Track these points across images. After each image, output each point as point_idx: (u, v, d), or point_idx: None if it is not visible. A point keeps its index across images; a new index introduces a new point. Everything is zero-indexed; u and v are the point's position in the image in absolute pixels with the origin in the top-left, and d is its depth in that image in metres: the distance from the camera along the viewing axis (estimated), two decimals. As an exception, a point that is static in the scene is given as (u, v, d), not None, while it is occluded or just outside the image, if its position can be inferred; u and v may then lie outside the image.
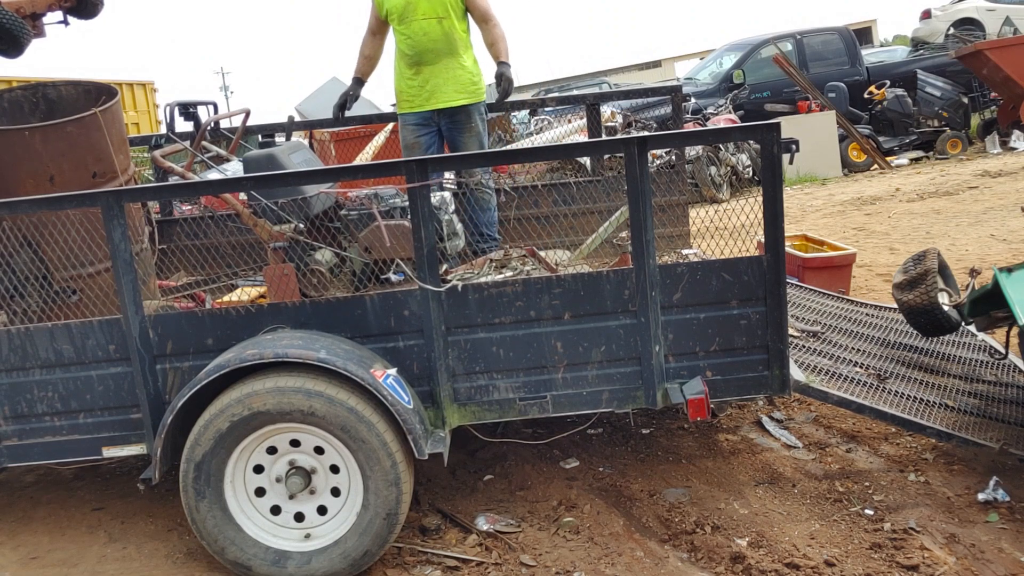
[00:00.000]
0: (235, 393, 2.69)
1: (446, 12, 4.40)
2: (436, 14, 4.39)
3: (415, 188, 2.74)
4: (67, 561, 3.08)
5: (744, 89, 12.77)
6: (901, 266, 3.88)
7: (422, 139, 4.51)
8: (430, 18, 4.38)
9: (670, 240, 4.52)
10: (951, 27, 14.25)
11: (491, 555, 2.89)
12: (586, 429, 3.67)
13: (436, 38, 4.40)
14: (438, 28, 4.40)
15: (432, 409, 2.88)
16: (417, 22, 4.39)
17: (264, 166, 3.47)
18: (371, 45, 4.65)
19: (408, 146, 4.52)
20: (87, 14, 4.72)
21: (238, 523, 2.77)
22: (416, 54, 4.42)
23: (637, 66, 29.94)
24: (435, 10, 4.38)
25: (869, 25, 25.27)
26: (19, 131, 3.26)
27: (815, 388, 3.08)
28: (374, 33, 4.62)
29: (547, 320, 2.82)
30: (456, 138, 4.54)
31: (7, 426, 2.97)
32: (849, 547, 2.78)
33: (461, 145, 4.52)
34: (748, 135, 3.70)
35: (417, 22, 4.39)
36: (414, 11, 4.39)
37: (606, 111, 10.00)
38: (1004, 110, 11.56)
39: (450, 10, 4.40)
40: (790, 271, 4.87)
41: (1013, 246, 6.40)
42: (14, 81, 10.72)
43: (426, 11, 4.38)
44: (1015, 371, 3.73)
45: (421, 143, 4.50)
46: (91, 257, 3.30)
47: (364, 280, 3.43)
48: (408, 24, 4.41)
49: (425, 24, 4.38)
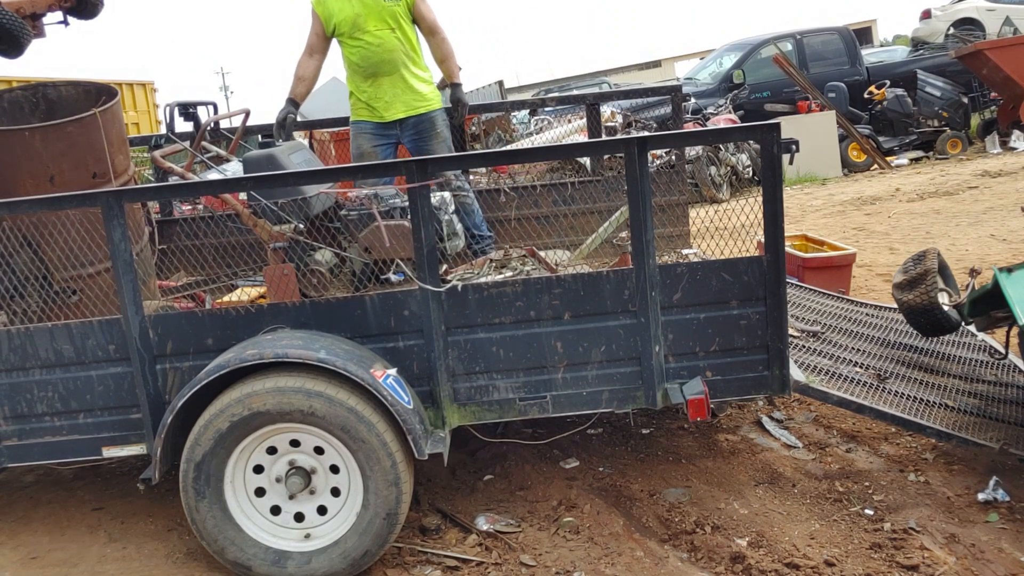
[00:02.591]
0: (235, 393, 2.69)
1: (396, 23, 4.35)
2: (388, 25, 4.33)
3: (415, 188, 2.74)
4: (67, 561, 3.08)
5: (744, 89, 12.77)
6: (901, 266, 3.88)
7: (378, 149, 4.46)
8: (382, 29, 4.33)
9: (670, 240, 4.52)
10: (951, 27, 14.26)
11: (491, 555, 2.89)
12: (586, 429, 3.67)
13: (390, 48, 4.35)
14: (391, 38, 4.35)
15: (432, 409, 2.88)
16: (370, 34, 4.33)
17: (264, 166, 3.47)
18: (308, 66, 4.47)
19: (363, 154, 4.45)
20: (87, 14, 4.72)
21: (238, 523, 2.77)
22: (371, 66, 4.36)
23: (637, 66, 29.95)
24: (386, 21, 4.33)
25: (869, 25, 25.29)
26: (19, 131, 3.26)
27: (815, 388, 3.08)
28: (313, 53, 4.46)
29: (547, 320, 2.82)
30: (423, 146, 4.48)
31: (7, 426, 2.97)
32: (849, 547, 2.78)
33: (430, 153, 4.44)
34: (748, 135, 3.70)
35: (370, 34, 4.33)
36: (364, 23, 4.31)
37: (606, 111, 10.00)
38: (1004, 110, 11.57)
39: (400, 20, 4.35)
40: (790, 271, 4.87)
41: (1013, 246, 6.40)
42: (14, 81, 10.72)
43: (377, 23, 4.32)
44: (1015, 371, 3.73)
45: (377, 153, 4.45)
46: (91, 257, 3.29)
47: (364, 280, 3.43)
48: (359, 37, 4.33)
49: (378, 35, 4.33)
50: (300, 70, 4.45)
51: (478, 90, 14.59)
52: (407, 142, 4.52)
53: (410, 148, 4.53)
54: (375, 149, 4.45)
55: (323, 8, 4.36)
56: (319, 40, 4.44)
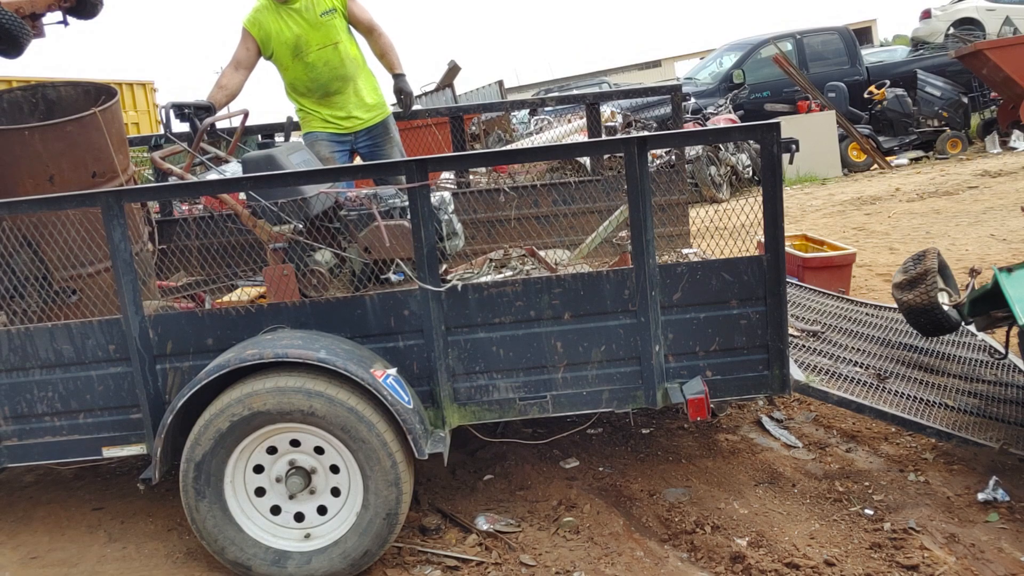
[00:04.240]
0: (235, 393, 2.69)
1: (338, 35, 4.26)
2: (331, 40, 4.23)
3: (415, 188, 2.74)
4: (67, 561, 3.08)
5: (744, 89, 12.77)
6: (901, 266, 3.88)
7: (337, 155, 4.42)
8: (326, 46, 4.23)
9: (670, 240, 4.52)
10: (951, 27, 14.24)
11: (491, 555, 2.89)
12: (586, 429, 3.67)
13: (337, 64, 4.27)
14: (336, 55, 4.26)
15: (432, 409, 2.88)
16: (314, 53, 4.21)
17: (263, 167, 3.47)
18: (233, 79, 4.22)
19: (324, 161, 4.37)
20: (87, 14, 4.72)
21: (238, 523, 2.77)
22: (320, 87, 4.29)
23: (637, 66, 29.91)
24: (329, 37, 4.23)
25: (869, 25, 25.26)
26: (19, 131, 3.26)
27: (815, 388, 3.08)
28: (239, 68, 4.25)
29: (547, 320, 2.82)
30: (377, 152, 4.47)
31: (7, 426, 2.97)
32: (849, 547, 2.78)
33: (386, 157, 4.44)
34: (748, 135, 3.69)
35: (314, 53, 4.21)
36: (307, 44, 4.20)
37: (606, 111, 10.00)
38: (1004, 110, 11.56)
39: (340, 32, 4.27)
40: (790, 271, 4.87)
41: (1013, 246, 6.40)
42: (14, 81, 10.72)
43: (320, 40, 4.21)
44: (1015, 371, 3.73)
45: (335, 159, 4.42)
46: (91, 257, 3.29)
47: (364, 280, 3.43)
48: (304, 58, 4.22)
49: (323, 54, 4.23)
50: (224, 80, 4.23)
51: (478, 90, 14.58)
52: (361, 148, 4.50)
53: (364, 154, 4.52)
54: (333, 155, 4.40)
55: (259, 31, 4.20)
56: (248, 56, 4.26)
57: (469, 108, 6.13)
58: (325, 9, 4.23)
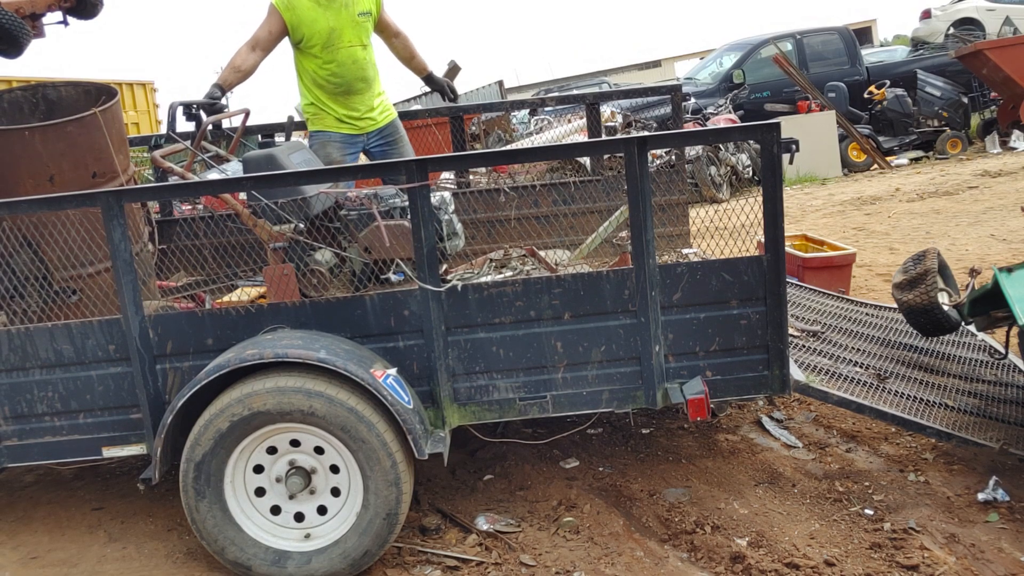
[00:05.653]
0: (235, 393, 2.69)
1: (368, 39, 4.32)
2: (360, 41, 4.28)
3: (415, 188, 2.74)
4: (67, 561, 3.08)
5: (744, 89, 12.77)
6: (901, 266, 3.89)
7: (348, 158, 4.44)
8: (355, 46, 4.26)
9: (670, 240, 4.52)
10: (951, 27, 14.25)
11: (491, 555, 2.89)
12: (586, 429, 3.67)
13: (363, 66, 4.31)
14: (364, 56, 4.31)
15: (432, 409, 2.88)
16: (344, 50, 4.22)
17: (264, 166, 3.47)
18: (248, 60, 4.13)
19: (333, 163, 4.39)
20: (87, 14, 4.72)
21: (238, 523, 2.77)
22: (343, 84, 4.29)
23: (637, 66, 29.90)
24: (359, 37, 4.27)
25: (869, 25, 25.26)
26: (19, 131, 3.26)
27: (815, 388, 3.08)
28: (256, 48, 4.15)
29: (547, 320, 2.82)
30: (390, 151, 4.51)
31: (7, 426, 2.97)
32: (849, 547, 2.78)
33: (400, 156, 4.48)
34: (748, 135, 3.70)
35: (344, 50, 4.22)
36: (339, 38, 4.19)
37: (606, 111, 10.00)
38: (1004, 110, 11.56)
39: (367, 37, 4.33)
40: (790, 271, 4.87)
41: (1013, 246, 6.40)
42: (14, 81, 10.71)
43: (351, 38, 4.23)
44: (1015, 371, 3.73)
45: (347, 161, 4.43)
46: (91, 257, 3.29)
47: (364, 280, 3.43)
48: (333, 52, 4.22)
49: (352, 52, 4.25)
50: (238, 60, 4.11)
51: (478, 90, 14.59)
52: (373, 147, 4.53)
53: (377, 154, 4.54)
54: (345, 158, 4.43)
55: (291, 15, 4.15)
56: (269, 38, 4.17)
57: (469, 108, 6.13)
58: (363, 11, 4.29)
